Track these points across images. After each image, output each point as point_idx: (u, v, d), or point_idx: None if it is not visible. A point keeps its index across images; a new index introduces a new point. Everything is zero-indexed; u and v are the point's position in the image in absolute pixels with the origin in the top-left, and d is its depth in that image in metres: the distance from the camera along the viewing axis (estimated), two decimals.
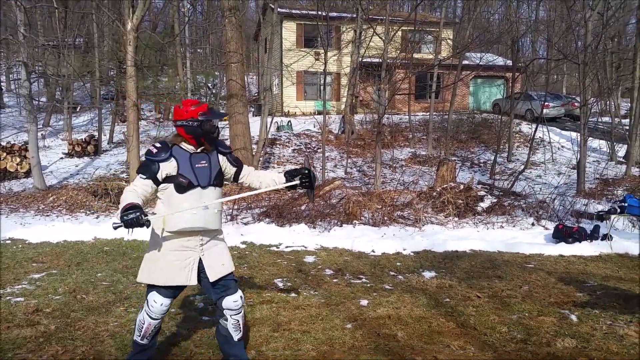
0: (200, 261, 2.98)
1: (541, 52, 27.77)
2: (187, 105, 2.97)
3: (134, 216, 2.59)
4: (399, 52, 18.10)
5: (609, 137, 17.20)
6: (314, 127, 21.25)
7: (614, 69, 20.27)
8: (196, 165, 2.94)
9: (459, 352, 3.42)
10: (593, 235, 7.45)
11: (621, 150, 17.07)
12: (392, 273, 5.59)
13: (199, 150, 2.99)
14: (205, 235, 3.00)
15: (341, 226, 8.31)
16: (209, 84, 26.13)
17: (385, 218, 8.77)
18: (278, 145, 18.83)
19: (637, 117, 15.78)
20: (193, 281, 2.96)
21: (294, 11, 24.17)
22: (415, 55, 20.02)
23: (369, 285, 5.09)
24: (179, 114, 2.95)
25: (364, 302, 4.47)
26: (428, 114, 20.55)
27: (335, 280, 5.27)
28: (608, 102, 19.96)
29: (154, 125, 21.42)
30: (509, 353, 3.39)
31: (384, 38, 12.88)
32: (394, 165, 16.90)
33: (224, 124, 16.30)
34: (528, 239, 7.58)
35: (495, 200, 9.89)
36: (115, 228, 2.67)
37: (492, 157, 16.21)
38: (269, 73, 18.45)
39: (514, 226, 8.54)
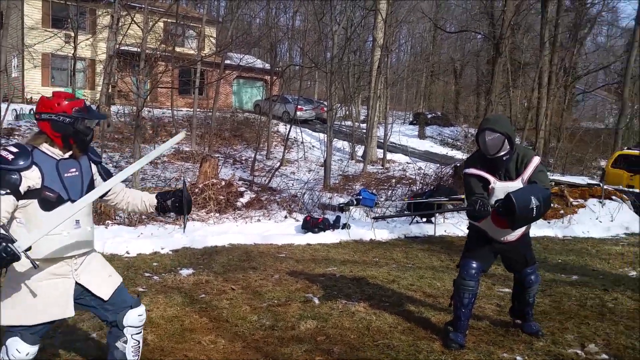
0: (77, 285, 2.42)
1: (296, 59, 30.09)
2: (60, 98, 2.35)
3: (1, 247, 1.96)
4: (160, 43, 17.48)
5: (351, 139, 19.66)
6: None
7: (355, 79, 23.20)
8: (65, 175, 2.35)
9: (210, 346, 3.48)
10: (335, 225, 8.42)
11: (360, 151, 19.68)
12: (147, 274, 5.38)
13: (66, 155, 2.38)
14: (79, 256, 2.44)
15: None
16: None
17: (143, 217, 8.39)
18: (17, 137, 16.32)
19: (372, 122, 18.44)
20: (70, 312, 2.39)
21: None
22: (178, 49, 19.63)
23: None
24: (46, 105, 2.33)
25: None
26: (192, 109, 20.36)
27: None
28: (350, 108, 22.75)
29: None
30: (257, 341, 3.59)
31: (142, 27, 12.27)
32: (156, 161, 16.28)
33: None
34: (281, 230, 8.16)
35: (254, 196, 10.37)
36: None
37: (253, 155, 16.94)
38: (4, 52, 15.82)
39: (269, 219, 9.08)
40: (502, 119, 3.67)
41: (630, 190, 12.00)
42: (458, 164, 12.89)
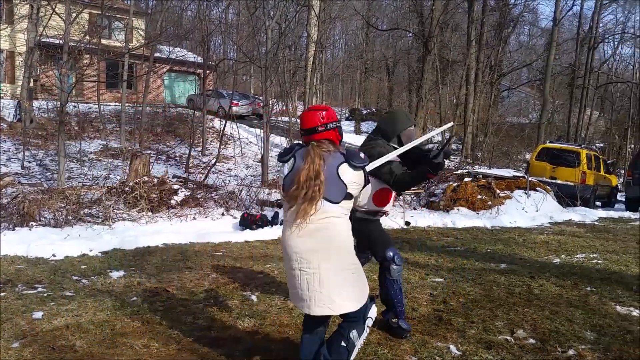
0: None
1: (231, 53, 29.63)
2: None
3: None
4: (84, 35, 16.63)
5: (288, 135, 19.61)
6: None
7: (290, 75, 23.15)
8: None
9: (143, 350, 3.34)
10: (273, 221, 8.37)
11: None
12: (75, 278, 5.10)
13: None
14: None
15: (14, 229, 7.16)
16: None
17: (70, 217, 7.96)
18: None
19: None
20: None
21: None
22: (104, 42, 18.76)
23: (45, 294, 4.52)
24: None
25: (38, 315, 3.95)
26: (120, 104, 19.56)
27: (3, 293, 4.50)
28: (286, 103, 22.70)
29: None
30: (192, 342, 3.49)
31: (64, 18, 11.61)
32: (83, 158, 15.52)
33: None
34: (218, 228, 7.99)
35: (189, 193, 10.10)
36: None
37: (187, 151, 16.52)
38: None
39: (206, 217, 8.87)
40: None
41: (553, 181, 12.79)
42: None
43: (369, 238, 3.68)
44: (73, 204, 8.43)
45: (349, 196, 2.70)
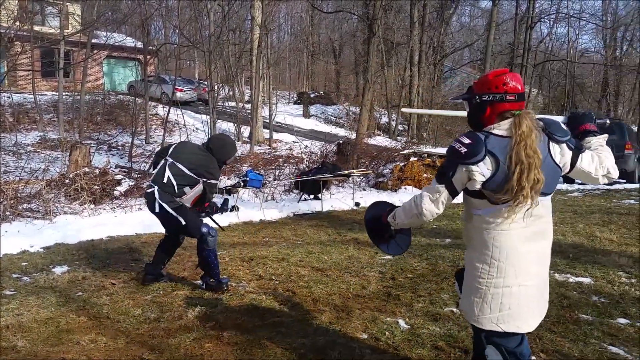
0: None
1: (173, 37, 28.75)
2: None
3: None
4: (14, 21, 15.69)
5: (236, 120, 19.34)
6: None
7: (236, 59, 22.75)
8: None
9: (90, 346, 3.26)
10: (223, 208, 8.26)
11: (246, 132, 19.45)
12: (15, 275, 4.88)
13: None
14: None
15: None
16: None
17: (8, 213, 7.59)
18: None
19: (256, 103, 18.26)
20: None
21: None
22: (37, 28, 17.77)
23: None
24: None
25: None
26: (57, 93, 18.67)
27: None
28: (233, 88, 22.34)
29: None
30: (141, 335, 3.43)
31: None
32: (19, 151, 14.76)
33: None
34: None
35: (133, 183, 9.83)
36: None
37: (130, 140, 16.02)
38: None
39: None
40: None
41: None
42: (341, 141, 13.28)
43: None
44: (10, 199, 8.04)
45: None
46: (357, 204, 9.38)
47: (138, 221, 7.37)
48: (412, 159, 11.19)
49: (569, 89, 30.78)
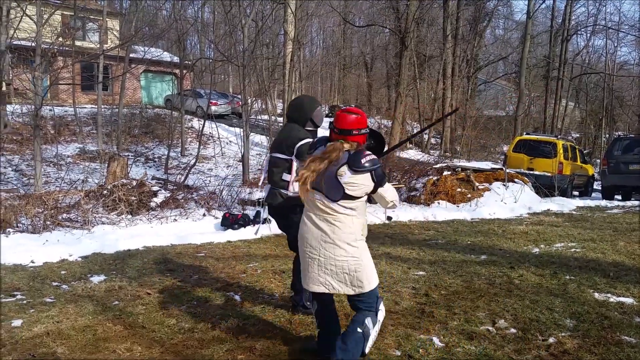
0: None
1: (208, 52, 29.39)
2: None
3: None
4: (57, 37, 16.33)
5: (268, 133, 19.54)
6: None
7: (269, 73, 23.07)
8: None
9: (126, 354, 3.31)
10: (255, 220, 8.34)
11: None
12: (55, 284, 5.02)
13: None
14: None
15: None
16: None
17: (48, 222, 7.83)
18: None
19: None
20: None
21: None
22: (78, 43, 18.46)
23: (25, 302, 4.44)
24: None
25: (18, 323, 3.88)
26: (97, 106, 19.28)
27: None
28: (266, 102, 22.62)
29: None
30: (175, 345, 3.47)
31: (36, 20, 11.39)
32: (59, 162, 15.27)
33: None
34: (199, 229, 7.93)
35: (169, 195, 10.01)
36: None
37: (166, 152, 16.36)
38: None
39: (187, 218, 8.80)
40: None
41: (531, 172, 12.99)
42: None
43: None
44: (51, 209, 8.30)
45: (347, 196, 2.86)
46: (389, 218, 9.31)
47: (173, 232, 7.50)
48: (445, 173, 11.05)
49: (607, 102, 29.97)
